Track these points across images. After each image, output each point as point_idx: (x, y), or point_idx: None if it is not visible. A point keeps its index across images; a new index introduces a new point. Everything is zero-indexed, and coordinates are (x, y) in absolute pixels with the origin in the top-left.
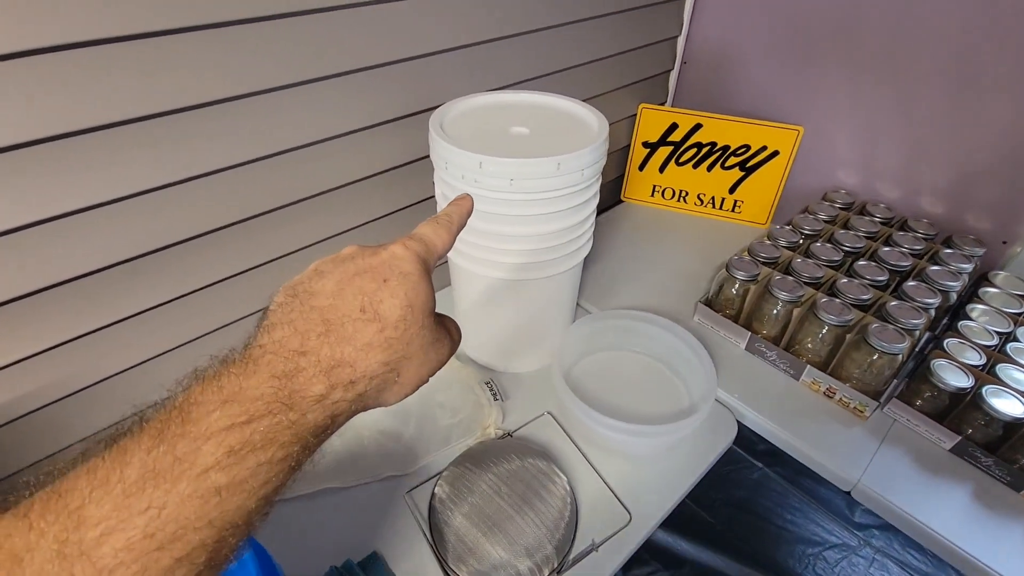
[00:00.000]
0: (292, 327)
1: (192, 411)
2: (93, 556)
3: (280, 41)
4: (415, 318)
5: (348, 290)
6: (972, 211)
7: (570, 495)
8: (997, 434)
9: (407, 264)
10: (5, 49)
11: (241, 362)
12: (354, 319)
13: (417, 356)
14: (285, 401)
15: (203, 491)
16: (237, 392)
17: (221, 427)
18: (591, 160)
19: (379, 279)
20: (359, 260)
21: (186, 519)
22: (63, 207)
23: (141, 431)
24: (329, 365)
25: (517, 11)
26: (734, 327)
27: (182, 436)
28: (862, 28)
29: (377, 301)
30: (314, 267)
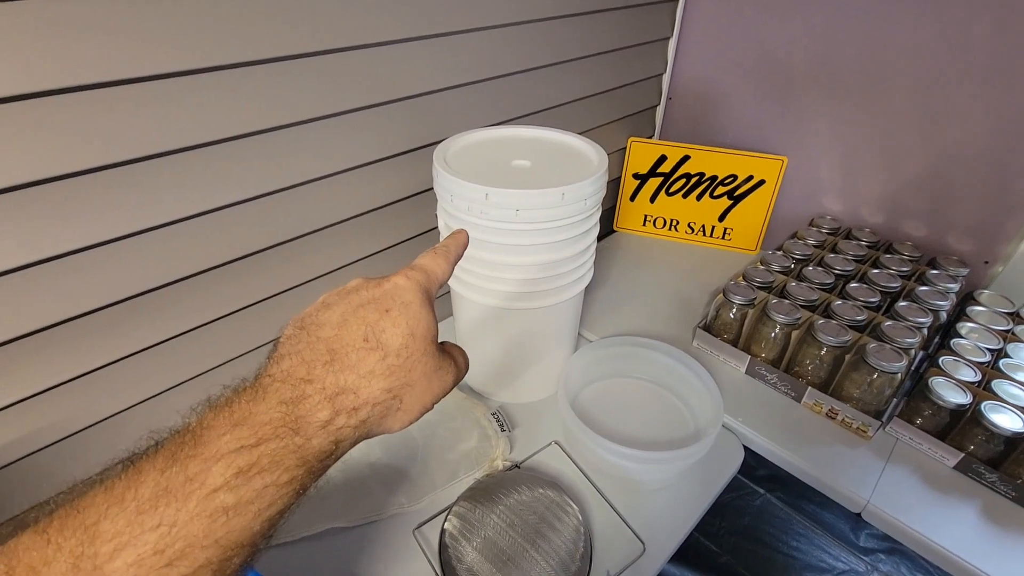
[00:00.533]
0: (299, 357)
1: (204, 435)
2: (105, 570)
3: (287, 81)
4: (417, 346)
5: (352, 321)
6: (953, 233)
7: (583, 526)
8: (999, 449)
9: (408, 294)
10: (11, 92)
11: (251, 389)
12: (357, 348)
13: (420, 383)
14: (291, 426)
15: (211, 510)
16: (247, 417)
17: (231, 449)
18: (593, 190)
19: (382, 309)
20: (363, 292)
21: (194, 537)
22: (69, 245)
23: (156, 453)
24: (333, 392)
25: (513, 51)
26: (734, 351)
27: (194, 457)
28: (837, 65)
29: (380, 330)
30: (322, 300)
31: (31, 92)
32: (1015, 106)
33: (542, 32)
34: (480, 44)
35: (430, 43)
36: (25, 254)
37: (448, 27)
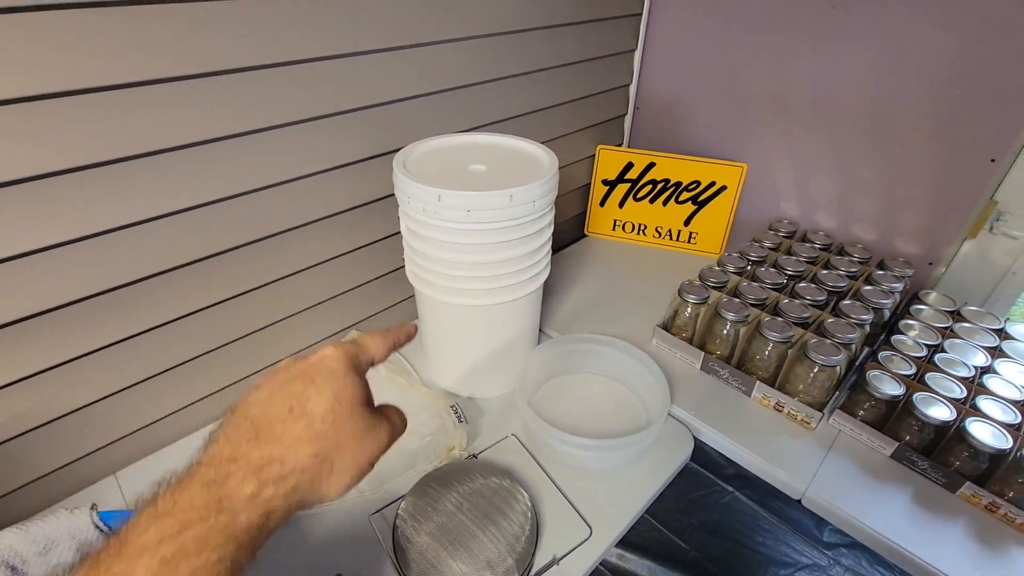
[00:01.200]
0: (225, 438)
1: (128, 534)
2: None
3: (258, 89)
4: (343, 408)
5: (278, 396)
6: (900, 237)
7: (531, 510)
8: (930, 438)
9: (333, 362)
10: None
11: (177, 481)
12: (283, 420)
13: (350, 445)
14: (215, 506)
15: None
16: (171, 507)
17: (154, 541)
18: (541, 192)
19: (307, 381)
20: (291, 368)
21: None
22: (39, 242)
23: (82, 563)
24: (258, 465)
25: (480, 62)
26: (689, 348)
27: (117, 558)
28: (789, 80)
29: (304, 399)
30: (253, 384)
31: (22, 96)
32: (954, 115)
33: (508, 44)
34: (447, 55)
35: (398, 54)
36: (5, 248)
37: (415, 39)
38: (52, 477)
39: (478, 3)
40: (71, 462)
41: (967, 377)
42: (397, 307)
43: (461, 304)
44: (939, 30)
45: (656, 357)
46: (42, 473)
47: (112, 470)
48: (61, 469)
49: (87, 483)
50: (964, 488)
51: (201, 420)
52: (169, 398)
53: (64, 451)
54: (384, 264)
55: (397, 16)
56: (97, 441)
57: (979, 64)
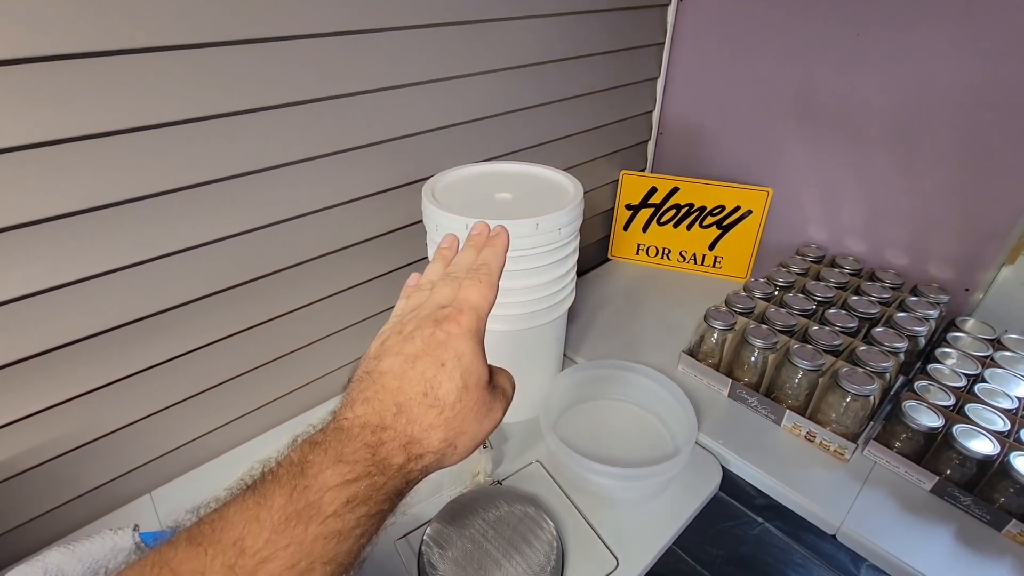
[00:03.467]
0: (370, 405)
1: (307, 469)
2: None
3: (292, 124)
4: (470, 396)
5: (411, 374)
6: (934, 261)
7: (556, 540)
8: (972, 472)
9: (461, 343)
10: (46, 138)
11: (335, 430)
12: (419, 402)
13: (471, 428)
14: (377, 467)
15: (327, 533)
16: (340, 455)
17: (335, 483)
18: (567, 220)
19: (437, 363)
20: (417, 340)
21: (317, 555)
22: (80, 272)
23: (276, 479)
24: (404, 441)
25: (505, 93)
26: (716, 375)
27: (307, 488)
28: (813, 103)
29: (436, 385)
30: (381, 342)
31: (64, 138)
32: (984, 139)
33: (534, 75)
34: (475, 87)
35: (427, 87)
36: (50, 279)
37: (444, 73)
38: (91, 495)
39: (506, 38)
40: (109, 481)
41: (1010, 409)
42: None
43: (487, 330)
44: (966, 54)
45: (682, 383)
46: (82, 491)
47: (148, 489)
48: (100, 488)
49: (124, 501)
50: (1010, 526)
51: (233, 441)
52: (203, 420)
53: (103, 470)
54: None
55: (427, 52)
56: (134, 461)
57: (1009, 88)
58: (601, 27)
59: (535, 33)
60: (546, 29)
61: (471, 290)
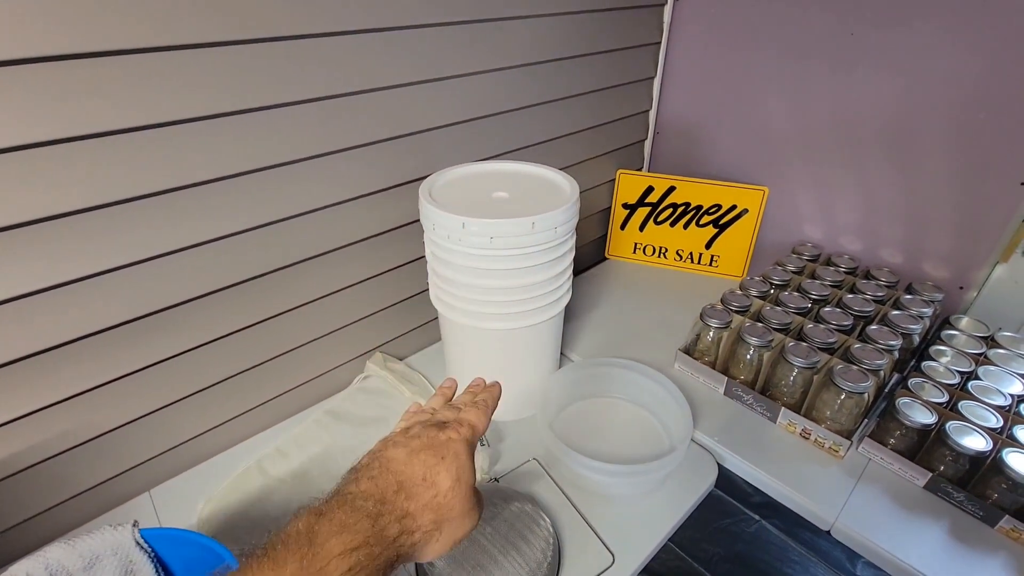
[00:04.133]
0: (374, 483)
1: (315, 538)
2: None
3: (292, 123)
4: (461, 490)
5: (415, 461)
6: (928, 260)
7: (553, 536)
8: (965, 469)
9: (458, 446)
10: (54, 136)
11: (339, 502)
12: (418, 484)
13: (456, 520)
14: (376, 537)
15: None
16: (344, 525)
17: (338, 552)
18: (563, 219)
19: (438, 456)
20: (423, 438)
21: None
22: (79, 272)
23: (286, 547)
24: (400, 515)
25: (503, 92)
26: (712, 373)
27: (315, 556)
28: (808, 103)
29: (435, 473)
30: (388, 438)
31: (77, 135)
32: (979, 138)
33: (531, 75)
34: (472, 87)
35: (424, 87)
36: (48, 278)
37: (441, 73)
38: (91, 493)
39: (503, 38)
40: (108, 479)
41: (1003, 406)
42: (421, 329)
43: (484, 328)
44: (961, 54)
45: (678, 381)
46: (82, 489)
47: (147, 487)
48: (99, 486)
49: (123, 499)
50: (1003, 522)
51: (231, 439)
52: (201, 418)
53: (102, 468)
54: (409, 287)
55: (424, 51)
56: (133, 459)
57: (1004, 88)
58: (598, 27)
59: (532, 33)
60: (543, 29)
61: (471, 413)
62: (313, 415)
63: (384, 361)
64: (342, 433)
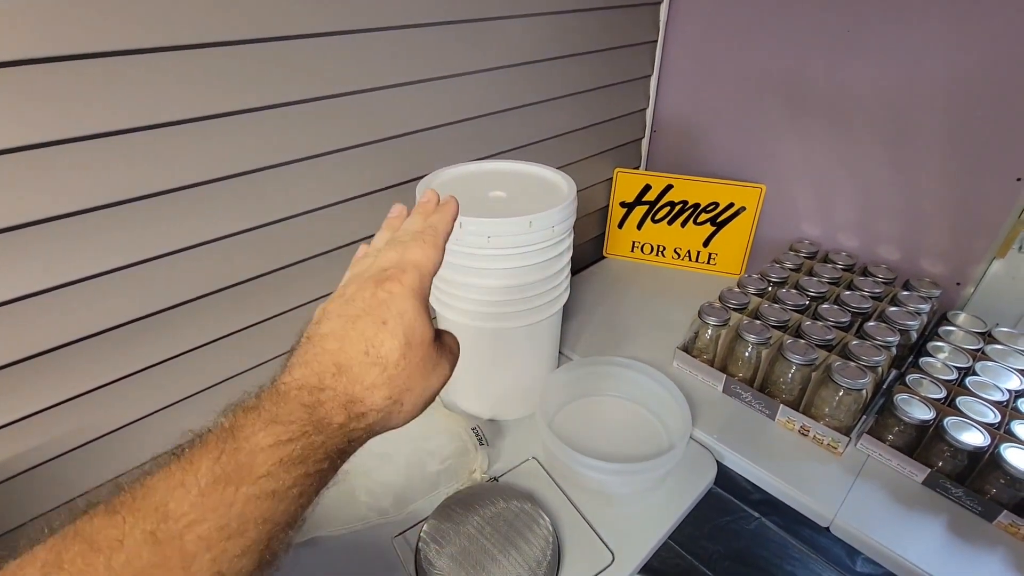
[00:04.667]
0: (309, 368)
1: (240, 432)
2: (179, 542)
3: (288, 124)
4: (413, 354)
5: (352, 334)
6: (926, 256)
7: (552, 535)
8: (963, 465)
9: (403, 301)
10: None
11: (272, 394)
12: (360, 362)
13: (418, 385)
14: (314, 427)
15: (260, 493)
16: (274, 417)
17: (268, 444)
18: (560, 218)
19: (379, 321)
20: (359, 302)
21: (249, 515)
22: (80, 272)
23: (203, 445)
24: (345, 400)
25: (499, 91)
26: (710, 371)
27: (237, 450)
28: (806, 100)
29: (378, 343)
30: (322, 308)
31: (69, 137)
32: (976, 135)
33: (527, 74)
34: (468, 86)
35: (420, 86)
36: (45, 281)
37: (437, 72)
38: (91, 495)
39: (500, 37)
40: (107, 482)
41: (1001, 401)
42: None
43: (482, 327)
44: (956, 51)
45: (677, 379)
46: (80, 493)
47: None
48: (100, 487)
49: None
50: (1001, 517)
51: None
52: (199, 421)
53: (101, 472)
54: None
55: (420, 51)
56: (129, 463)
57: (999, 84)
58: (594, 25)
59: (529, 31)
60: (539, 27)
61: (415, 250)
62: None
63: None
64: None
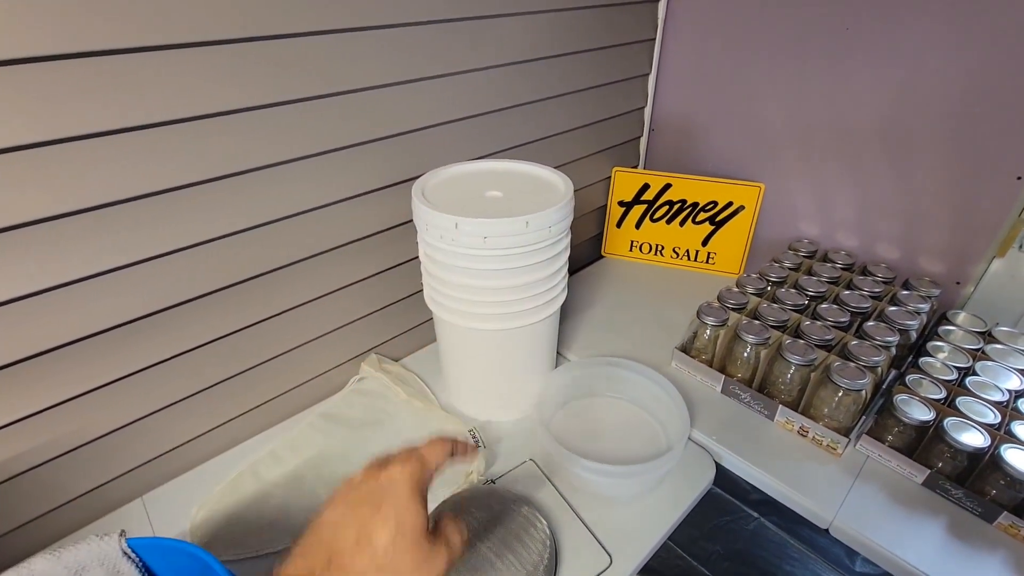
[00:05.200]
0: (304, 559)
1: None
2: None
3: (284, 123)
4: (404, 541)
5: (350, 520)
6: (925, 255)
7: (550, 538)
8: (963, 465)
9: (400, 487)
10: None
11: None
12: (351, 551)
13: (407, 574)
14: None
15: None
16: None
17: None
18: (557, 218)
19: (375, 507)
20: (362, 487)
21: None
22: (67, 275)
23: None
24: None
25: (497, 90)
26: (709, 371)
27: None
28: (804, 98)
29: (371, 529)
30: (331, 498)
31: (63, 137)
32: (975, 133)
33: (525, 72)
34: (465, 85)
35: (416, 86)
36: (36, 283)
37: (434, 71)
38: (82, 500)
39: (497, 35)
40: (99, 486)
41: (1001, 402)
42: (416, 330)
43: (479, 328)
44: (955, 49)
45: (676, 380)
46: (72, 496)
47: (139, 493)
48: (90, 493)
49: (115, 506)
50: (1002, 518)
51: (225, 444)
52: (194, 423)
53: (94, 475)
54: (403, 288)
55: (417, 49)
56: (125, 465)
57: (999, 82)
58: (592, 23)
59: (526, 30)
60: (537, 25)
61: (424, 447)
62: (307, 418)
63: (379, 363)
64: (337, 436)
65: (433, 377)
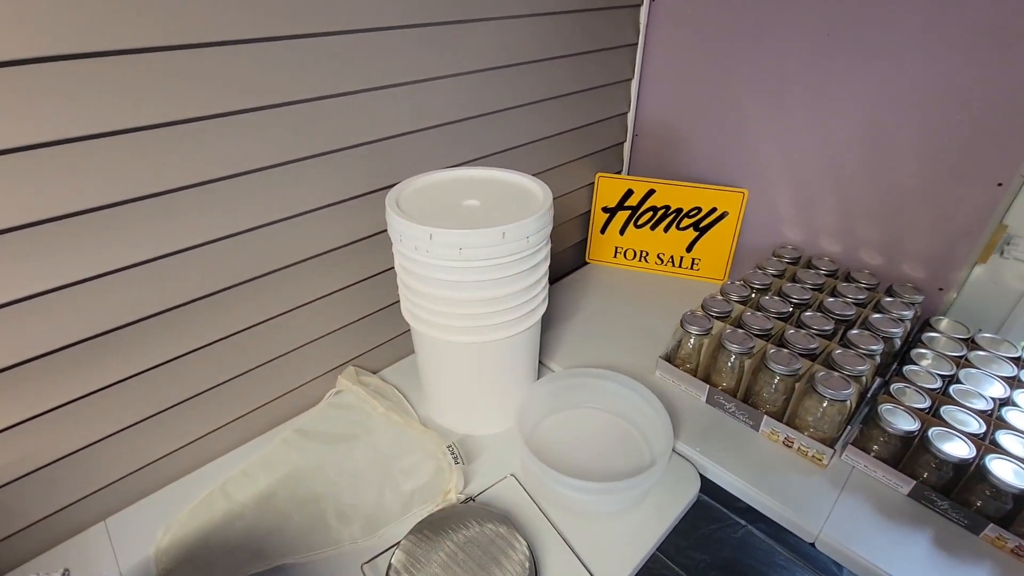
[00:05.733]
0: None
1: None
2: None
3: (251, 132)
4: None
5: None
6: (907, 261)
7: (529, 560)
8: (949, 476)
9: None
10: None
11: None
12: None
13: None
14: None
15: None
16: None
17: None
18: (535, 228)
19: None
20: None
21: None
22: (26, 290)
23: None
24: None
25: (474, 97)
26: (694, 381)
27: None
28: (785, 105)
29: None
30: None
31: (25, 145)
32: (956, 139)
33: (505, 77)
34: (444, 90)
35: (392, 91)
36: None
37: (410, 76)
38: (39, 526)
39: (476, 40)
40: (59, 510)
41: (985, 410)
42: (395, 342)
43: (457, 341)
44: (937, 55)
45: (660, 390)
46: (29, 522)
47: (101, 517)
48: (49, 517)
49: (76, 530)
50: (988, 530)
51: (195, 462)
52: (161, 441)
53: (53, 499)
54: (380, 299)
55: (394, 54)
56: (86, 488)
57: (980, 89)
58: (573, 28)
59: (506, 35)
60: (517, 30)
61: None
62: (282, 434)
63: (356, 375)
64: (311, 452)
65: (413, 389)
